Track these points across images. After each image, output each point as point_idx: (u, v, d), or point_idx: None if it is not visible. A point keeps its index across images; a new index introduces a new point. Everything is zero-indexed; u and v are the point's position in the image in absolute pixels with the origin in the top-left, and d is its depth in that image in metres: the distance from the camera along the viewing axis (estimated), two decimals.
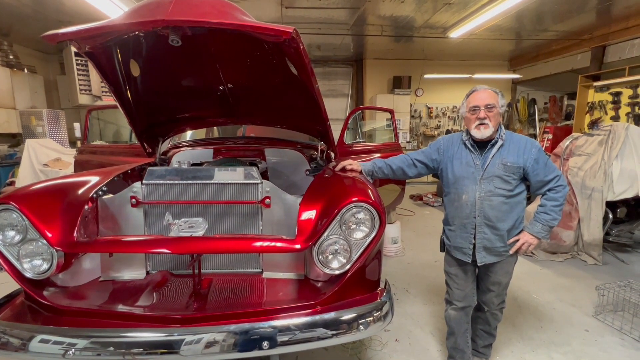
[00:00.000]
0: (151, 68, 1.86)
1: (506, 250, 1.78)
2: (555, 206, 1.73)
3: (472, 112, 1.73)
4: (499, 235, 1.75)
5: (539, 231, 1.74)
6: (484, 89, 1.75)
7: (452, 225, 1.86)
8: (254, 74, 1.92)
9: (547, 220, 1.73)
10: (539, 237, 1.75)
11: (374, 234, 1.45)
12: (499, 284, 1.86)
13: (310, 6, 5.03)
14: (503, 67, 8.92)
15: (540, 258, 3.72)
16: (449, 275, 1.94)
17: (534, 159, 1.70)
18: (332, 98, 8.94)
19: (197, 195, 1.63)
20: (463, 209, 1.78)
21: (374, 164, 1.98)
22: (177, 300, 1.44)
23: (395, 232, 3.91)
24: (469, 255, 1.81)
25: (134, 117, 2.10)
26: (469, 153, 1.79)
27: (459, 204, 1.80)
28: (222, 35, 1.56)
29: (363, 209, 1.44)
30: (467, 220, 1.77)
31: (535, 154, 1.71)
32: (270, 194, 1.64)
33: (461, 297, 1.90)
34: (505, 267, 1.84)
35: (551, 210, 1.73)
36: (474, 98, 1.74)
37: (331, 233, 1.44)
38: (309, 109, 2.00)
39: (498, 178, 1.71)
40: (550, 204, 1.73)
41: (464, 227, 1.79)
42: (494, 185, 1.72)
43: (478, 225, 1.75)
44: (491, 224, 1.74)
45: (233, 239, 1.34)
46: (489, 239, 1.75)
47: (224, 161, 1.99)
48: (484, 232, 1.75)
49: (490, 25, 5.90)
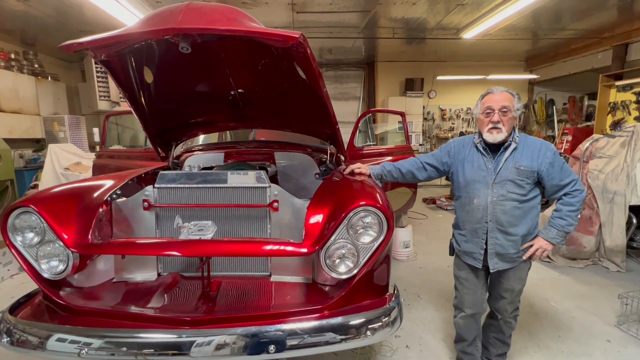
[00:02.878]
0: (164, 74, 1.91)
1: (519, 256, 1.73)
2: (572, 211, 1.66)
3: (485, 115, 1.68)
4: (511, 241, 1.70)
5: (554, 237, 1.68)
6: (501, 91, 1.70)
7: (463, 230, 1.82)
8: (263, 79, 1.94)
9: (563, 226, 1.67)
10: (554, 243, 1.69)
11: (381, 238, 1.43)
12: (512, 291, 1.80)
13: (321, 10, 5.06)
14: (519, 67, 8.71)
15: (559, 264, 3.59)
16: (459, 279, 1.90)
17: (549, 162, 1.64)
18: (343, 101, 8.94)
19: (207, 198, 1.66)
20: (474, 214, 1.73)
21: (383, 167, 1.96)
22: (187, 302, 1.46)
23: (407, 236, 3.86)
24: (479, 261, 1.77)
25: (148, 122, 2.16)
26: (480, 156, 1.74)
27: (470, 208, 1.75)
28: (231, 42, 1.58)
29: (371, 213, 1.43)
30: (478, 225, 1.73)
31: (551, 157, 1.65)
32: (279, 198, 1.65)
33: (471, 303, 1.86)
34: (519, 274, 1.79)
35: (567, 215, 1.67)
36: (488, 100, 1.69)
37: (338, 237, 1.43)
38: (318, 112, 2.00)
39: (511, 182, 1.66)
40: (566, 209, 1.67)
41: (475, 232, 1.75)
42: (507, 189, 1.67)
43: (490, 231, 1.71)
44: (503, 229, 1.69)
45: (240, 242, 1.36)
46: (501, 244, 1.71)
47: (233, 165, 2.02)
48: (496, 237, 1.71)
49: (505, 26, 5.78)
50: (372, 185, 1.69)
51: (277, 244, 1.38)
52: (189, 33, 1.22)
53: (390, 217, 1.43)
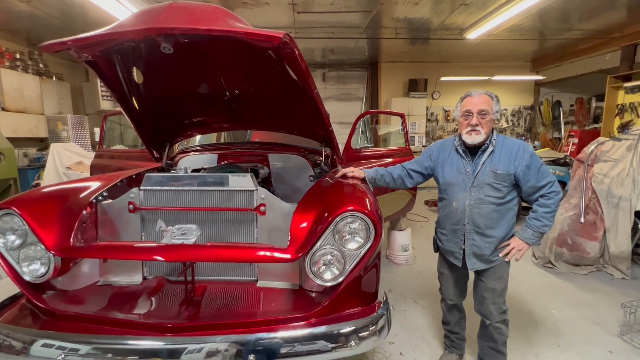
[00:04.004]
0: (154, 75, 1.89)
1: (496, 256, 1.74)
2: (547, 213, 1.67)
3: (464, 117, 1.69)
4: (489, 243, 1.72)
5: (530, 237, 1.69)
6: (479, 93, 1.71)
7: (444, 230, 1.86)
8: (254, 80, 1.91)
9: (538, 227, 1.67)
10: (529, 243, 1.70)
11: (369, 245, 1.39)
12: (493, 291, 1.79)
13: (323, 10, 5.03)
14: (525, 68, 8.58)
15: (562, 270, 3.50)
16: (441, 274, 2.02)
17: (525, 165, 1.64)
18: (346, 102, 8.89)
19: (193, 201, 1.63)
20: (453, 215, 1.76)
21: (377, 171, 1.94)
22: (170, 308, 1.43)
23: (406, 239, 3.80)
24: (459, 260, 1.81)
25: (139, 123, 2.15)
26: (460, 159, 1.76)
27: (449, 210, 1.79)
28: (218, 42, 1.55)
29: (357, 219, 1.39)
30: (457, 227, 1.76)
31: (527, 159, 1.64)
32: (266, 201, 1.61)
33: (452, 295, 1.98)
34: (498, 272, 1.78)
35: (542, 217, 1.67)
36: (467, 103, 1.71)
37: (324, 243, 1.39)
38: (310, 114, 1.97)
39: (488, 186, 1.67)
40: (542, 210, 1.67)
41: (454, 232, 1.79)
42: (484, 193, 1.68)
43: (467, 232, 1.73)
44: (480, 231, 1.71)
45: (222, 247, 1.32)
46: (478, 245, 1.73)
47: (223, 167, 1.99)
48: (474, 239, 1.73)
49: (510, 26, 5.68)
50: (363, 189, 1.64)
51: (260, 249, 1.34)
52: (169, 33, 1.20)
53: (377, 223, 1.39)
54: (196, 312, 1.40)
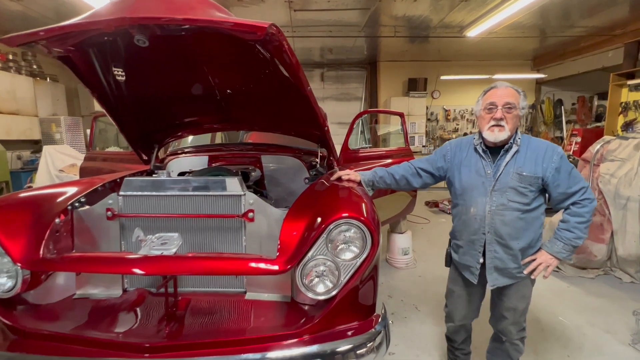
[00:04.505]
0: (137, 72, 1.77)
1: (521, 271, 1.56)
2: (581, 223, 1.49)
3: (487, 111, 1.51)
4: (512, 255, 1.54)
5: (560, 251, 1.51)
6: (505, 86, 1.54)
7: (460, 241, 1.67)
8: (243, 77, 1.80)
9: (570, 239, 1.49)
10: (560, 257, 1.52)
11: (365, 254, 1.27)
12: (515, 310, 1.63)
13: (319, 8, 4.92)
14: (526, 66, 8.47)
15: (568, 274, 3.38)
16: (452, 293, 1.79)
17: (555, 167, 1.47)
18: (345, 102, 8.79)
19: (176, 207, 1.51)
20: (471, 224, 1.58)
21: (375, 173, 1.80)
22: (150, 325, 1.32)
23: (406, 242, 3.68)
24: (475, 276, 1.62)
25: (124, 124, 2.03)
26: (479, 159, 1.58)
27: (466, 218, 1.60)
28: (202, 35, 1.43)
29: (353, 227, 1.27)
30: (475, 237, 1.57)
31: (557, 161, 1.48)
32: (254, 207, 1.50)
33: (461, 317, 1.77)
34: (522, 291, 1.62)
35: (575, 227, 1.49)
36: (491, 95, 1.53)
37: (317, 253, 1.27)
38: (304, 113, 1.85)
39: (512, 190, 1.50)
40: (574, 220, 1.49)
41: (472, 243, 1.60)
42: (507, 197, 1.50)
43: (488, 243, 1.55)
44: (503, 242, 1.53)
45: (203, 258, 1.21)
46: (500, 258, 1.55)
47: (210, 170, 1.88)
48: (495, 250, 1.55)
49: (510, 23, 5.57)
50: (359, 194, 1.53)
51: (245, 260, 1.23)
52: (142, 24, 1.09)
53: (374, 231, 1.27)
54: (178, 330, 1.29)
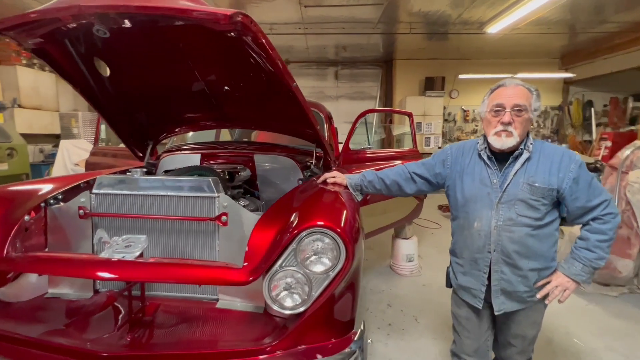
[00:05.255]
0: (122, 67, 1.73)
1: (532, 295, 1.37)
2: (602, 241, 1.29)
3: (494, 114, 1.33)
4: (521, 276, 1.35)
5: (578, 273, 1.31)
6: (515, 84, 1.34)
7: (460, 259, 1.48)
8: (228, 72, 1.72)
9: (591, 260, 1.30)
10: (578, 280, 1.32)
11: (338, 268, 1.15)
12: (523, 338, 1.46)
13: (331, 4, 4.79)
14: (553, 65, 7.99)
15: (588, 290, 3.10)
16: (458, 319, 1.56)
17: (572, 178, 1.28)
18: (359, 101, 8.62)
19: (150, 207, 1.45)
20: (474, 240, 1.39)
21: (363, 177, 1.66)
22: (113, 331, 1.25)
23: (411, 248, 3.51)
24: (479, 299, 1.42)
25: (113, 120, 2.00)
26: (484, 167, 1.39)
27: (469, 233, 1.41)
28: (179, 28, 1.36)
29: (326, 237, 1.16)
30: (479, 255, 1.39)
31: (575, 171, 1.28)
32: (228, 210, 1.41)
33: (472, 351, 1.51)
34: (533, 317, 1.43)
35: (596, 246, 1.29)
36: (498, 95, 1.34)
37: (286, 263, 1.17)
38: (292, 110, 1.75)
39: (522, 202, 1.31)
40: (595, 238, 1.30)
41: (475, 262, 1.41)
42: (516, 211, 1.31)
43: (494, 263, 1.36)
44: (511, 261, 1.34)
45: (162, 265, 1.13)
46: (508, 280, 1.36)
47: (191, 169, 1.80)
48: (502, 271, 1.36)
49: (535, 19, 5.24)
50: (342, 200, 1.41)
51: (207, 268, 1.14)
52: (95, 13, 1.02)
53: (349, 242, 1.15)
54: (139, 338, 1.22)
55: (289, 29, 5.82)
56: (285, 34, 6.08)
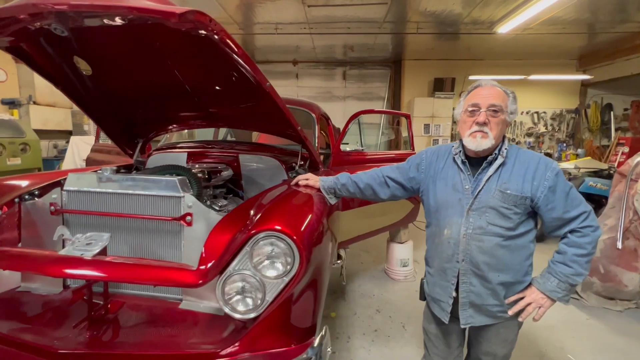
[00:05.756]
0: (103, 66, 1.75)
1: (503, 310, 1.31)
2: (580, 255, 1.21)
3: (469, 114, 1.28)
4: (490, 290, 1.29)
5: (554, 289, 1.24)
6: (491, 85, 1.30)
7: (431, 268, 1.44)
8: (202, 72, 1.71)
9: (567, 275, 1.22)
10: (553, 297, 1.24)
11: (292, 273, 1.12)
12: (494, 356, 1.39)
13: (334, 4, 4.74)
14: (570, 66, 7.67)
15: (590, 303, 2.95)
16: (428, 334, 1.52)
17: (548, 186, 1.21)
18: (367, 101, 8.53)
19: (119, 206, 1.45)
20: (444, 249, 1.34)
21: (337, 180, 1.62)
22: (74, 328, 1.26)
23: (406, 253, 3.43)
24: (446, 313, 1.36)
25: (99, 117, 2.03)
26: (457, 172, 1.34)
27: (439, 241, 1.36)
28: (148, 27, 1.36)
29: (280, 241, 1.12)
30: (448, 265, 1.33)
31: (551, 179, 1.22)
32: (193, 211, 1.40)
33: None
34: (504, 334, 1.36)
35: (573, 261, 1.22)
36: (474, 95, 1.29)
37: (240, 267, 1.14)
38: (270, 110, 1.73)
39: (493, 210, 1.25)
40: (572, 252, 1.22)
41: (443, 272, 1.35)
42: (487, 220, 1.25)
43: (462, 274, 1.30)
44: (480, 272, 1.28)
45: (116, 264, 1.13)
46: (477, 292, 1.30)
47: (164, 168, 1.80)
48: (471, 282, 1.30)
49: (548, 18, 5.04)
50: (306, 203, 1.37)
51: (159, 269, 1.12)
52: (49, 11, 1.02)
53: (304, 248, 1.11)
54: (98, 336, 1.22)
55: (294, 28, 5.81)
56: (291, 34, 6.07)
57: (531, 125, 7.97)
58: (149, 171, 1.83)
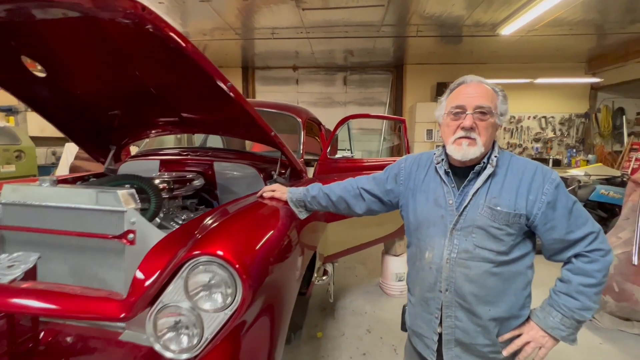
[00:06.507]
0: (58, 67, 1.62)
1: (495, 351, 1.10)
2: (588, 286, 1.00)
3: (453, 117, 1.09)
4: (480, 326, 1.08)
5: (557, 326, 1.02)
6: (478, 81, 1.11)
7: (413, 297, 1.23)
8: (161, 73, 1.56)
9: (572, 310, 1.01)
10: (556, 336, 1.03)
11: (234, 306, 0.94)
12: None
13: (328, 7, 4.61)
14: (578, 69, 7.40)
15: (603, 325, 2.69)
16: None
17: (546, 202, 1.01)
18: (368, 107, 8.36)
19: (57, 221, 1.29)
20: (425, 275, 1.13)
21: (307, 191, 1.43)
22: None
23: (402, 266, 3.21)
24: (432, 351, 1.15)
25: (59, 123, 1.90)
26: (440, 184, 1.14)
27: (420, 265, 1.16)
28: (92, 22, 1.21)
29: (220, 267, 0.94)
30: (430, 294, 1.12)
31: (551, 193, 1.02)
32: (136, 227, 1.23)
33: None
34: None
35: (580, 292, 1.00)
36: (458, 94, 1.11)
37: (173, 297, 0.96)
38: (235, 113, 1.58)
39: (481, 231, 1.04)
40: (578, 281, 1.01)
41: (425, 303, 1.15)
42: (474, 242, 1.05)
43: (446, 306, 1.09)
44: (467, 305, 1.07)
45: (29, 293, 0.96)
46: (464, 329, 1.09)
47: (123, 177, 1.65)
48: (456, 317, 1.09)
49: (552, 20, 4.82)
50: (266, 219, 1.19)
51: (82, 299, 0.95)
52: None
53: (248, 277, 0.93)
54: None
55: (290, 33, 5.70)
56: (288, 39, 5.96)
57: (539, 130, 7.69)
58: (97, 182, 1.68)
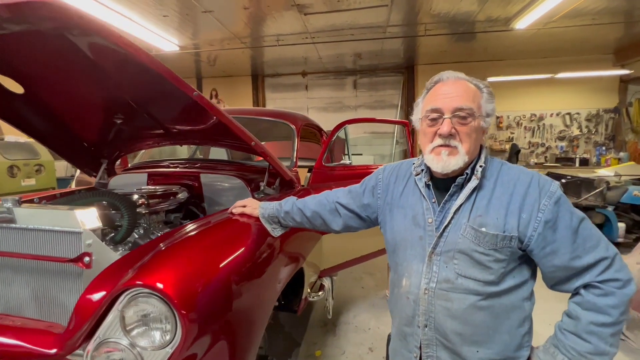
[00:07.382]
0: (35, 83, 1.60)
1: None
2: (602, 325, 0.81)
3: (429, 122, 0.93)
4: None
5: None
6: (456, 78, 0.96)
7: (393, 327, 1.07)
8: (131, 83, 1.51)
9: (583, 353, 0.82)
10: None
11: (174, 344, 0.83)
12: None
13: (328, 10, 4.51)
14: (605, 61, 6.90)
15: (638, 345, 2.38)
16: None
17: (544, 221, 0.83)
18: (379, 110, 8.18)
19: (17, 243, 1.24)
20: (402, 306, 0.97)
21: (280, 206, 1.31)
22: None
23: None
24: None
25: (44, 139, 1.90)
26: (420, 199, 0.99)
27: (398, 294, 1.00)
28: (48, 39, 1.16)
29: (156, 300, 0.84)
30: (408, 329, 0.97)
31: (550, 210, 0.84)
32: (93, 250, 1.15)
33: None
34: None
35: (590, 332, 0.81)
36: (435, 95, 0.95)
37: (110, 332, 0.87)
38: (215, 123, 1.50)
39: (464, 256, 0.88)
40: (589, 319, 0.82)
41: (404, 338, 0.99)
42: (456, 269, 0.88)
43: (426, 345, 0.93)
44: (450, 345, 0.90)
45: None
46: None
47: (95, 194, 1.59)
48: (438, 357, 0.92)
49: (570, 10, 4.50)
50: (225, 240, 1.08)
51: (13, 332, 0.87)
52: None
53: (188, 311, 0.82)
54: None
55: (295, 39, 5.65)
56: (294, 45, 5.92)
57: (563, 127, 7.22)
58: (64, 201, 1.62)
